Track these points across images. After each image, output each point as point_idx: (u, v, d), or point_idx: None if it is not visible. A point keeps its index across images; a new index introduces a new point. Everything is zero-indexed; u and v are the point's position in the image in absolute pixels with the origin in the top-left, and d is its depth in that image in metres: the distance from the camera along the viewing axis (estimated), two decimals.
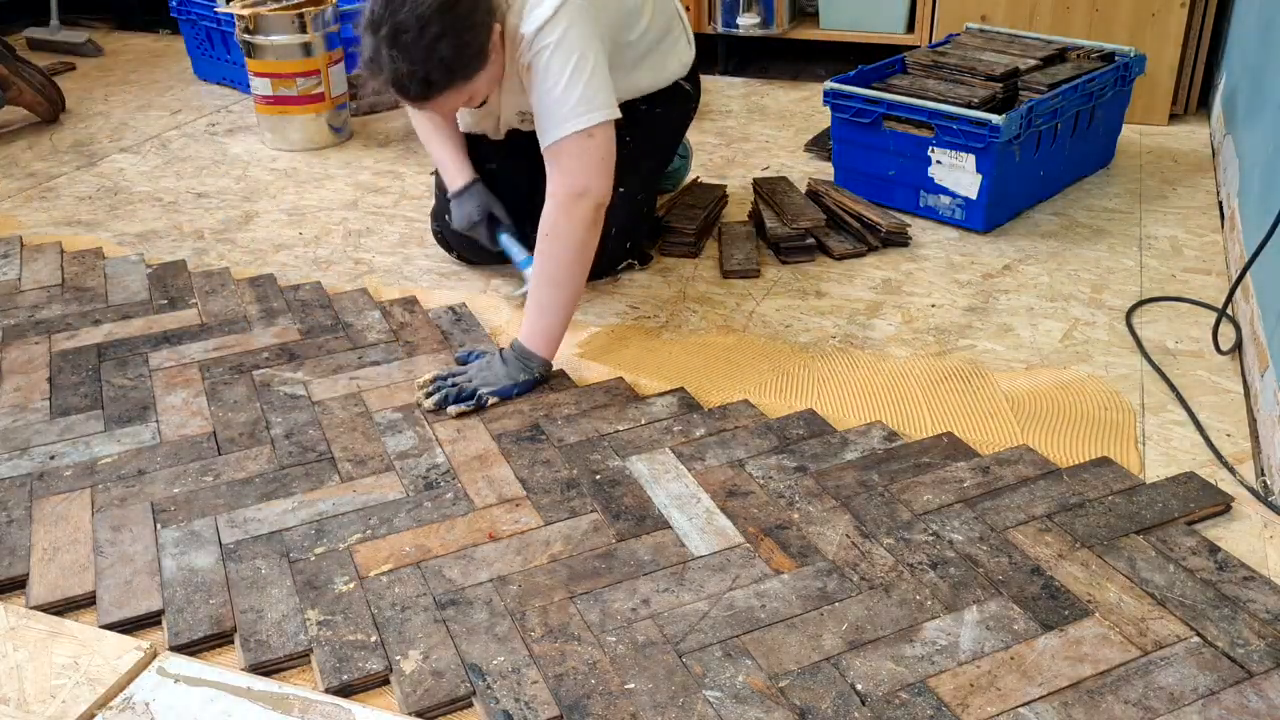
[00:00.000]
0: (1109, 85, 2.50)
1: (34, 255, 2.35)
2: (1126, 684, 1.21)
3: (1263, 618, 1.30)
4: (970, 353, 1.92)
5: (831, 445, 1.64)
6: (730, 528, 1.47)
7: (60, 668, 1.26)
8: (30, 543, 1.48)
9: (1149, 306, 2.05)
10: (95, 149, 3.02)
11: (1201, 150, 2.81)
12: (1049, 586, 1.35)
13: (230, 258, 2.35)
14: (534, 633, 1.30)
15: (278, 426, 1.72)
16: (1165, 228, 2.37)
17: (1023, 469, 1.57)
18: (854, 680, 1.23)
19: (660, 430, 1.69)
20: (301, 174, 2.81)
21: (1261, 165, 2.06)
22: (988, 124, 2.22)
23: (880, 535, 1.45)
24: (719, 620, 1.31)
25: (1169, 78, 2.91)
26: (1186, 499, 1.50)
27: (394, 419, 1.73)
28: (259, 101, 2.95)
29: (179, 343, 1.98)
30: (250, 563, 1.43)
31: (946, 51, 2.60)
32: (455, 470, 1.61)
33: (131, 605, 1.36)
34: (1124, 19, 2.88)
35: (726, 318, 2.05)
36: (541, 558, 1.43)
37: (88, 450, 1.67)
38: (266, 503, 1.54)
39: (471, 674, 1.25)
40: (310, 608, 1.35)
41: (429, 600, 1.36)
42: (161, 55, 3.95)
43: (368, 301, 2.12)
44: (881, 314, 2.05)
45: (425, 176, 2.76)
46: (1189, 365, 1.86)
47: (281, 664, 1.29)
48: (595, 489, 1.56)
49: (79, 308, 2.11)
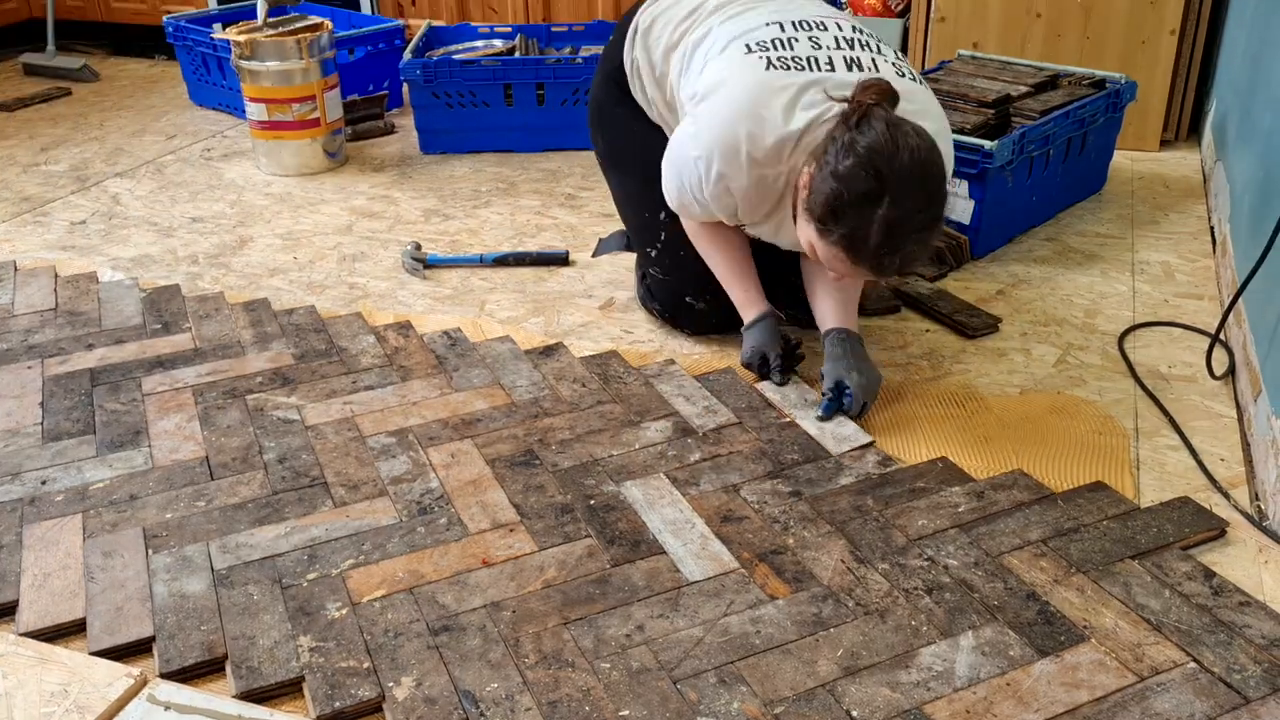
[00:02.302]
0: (1100, 112, 2.52)
1: (27, 279, 2.34)
2: (1123, 710, 1.21)
3: (1258, 643, 1.29)
4: (964, 377, 1.92)
5: (826, 470, 1.64)
6: (725, 553, 1.47)
7: (50, 695, 1.25)
8: (20, 568, 1.47)
9: (1142, 331, 2.06)
10: (90, 173, 3.02)
11: (1193, 176, 2.83)
12: (1044, 612, 1.35)
13: (224, 282, 2.35)
14: (528, 659, 1.30)
15: (271, 451, 1.72)
16: (1157, 253, 2.38)
17: (1017, 494, 1.57)
18: (849, 707, 1.22)
19: (655, 455, 1.69)
20: (296, 199, 2.82)
21: (1252, 191, 2.08)
22: (980, 150, 2.23)
23: (875, 560, 1.45)
24: (714, 646, 1.31)
25: (1160, 104, 2.94)
26: (1181, 524, 1.50)
27: (388, 444, 1.73)
28: (254, 127, 2.95)
29: (172, 367, 1.97)
30: (242, 589, 1.42)
31: (939, 78, 2.62)
32: (449, 495, 1.60)
33: (122, 632, 1.35)
34: (1115, 46, 2.90)
35: (721, 342, 2.05)
36: (535, 583, 1.42)
37: (79, 475, 1.67)
38: (259, 528, 1.54)
39: (465, 701, 1.24)
40: (302, 634, 1.34)
41: (422, 626, 1.35)
42: (157, 81, 3.97)
43: (362, 326, 2.11)
44: (875, 338, 2.05)
45: (419, 201, 2.77)
46: (1182, 390, 1.86)
47: (273, 691, 1.28)
48: (589, 514, 1.55)
49: (72, 332, 2.11)
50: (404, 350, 2.02)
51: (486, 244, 2.50)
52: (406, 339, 2.06)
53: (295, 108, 2.89)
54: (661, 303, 2.06)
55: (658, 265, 2.03)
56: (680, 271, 1.99)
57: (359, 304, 2.24)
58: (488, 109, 3.06)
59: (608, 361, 1.97)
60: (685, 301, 2.01)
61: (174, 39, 3.54)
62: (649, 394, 1.86)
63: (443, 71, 2.99)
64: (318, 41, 2.88)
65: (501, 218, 2.66)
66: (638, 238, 2.09)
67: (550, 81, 3.03)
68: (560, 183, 2.89)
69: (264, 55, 2.85)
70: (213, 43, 3.37)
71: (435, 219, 2.66)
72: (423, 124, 3.10)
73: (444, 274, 2.35)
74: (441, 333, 2.08)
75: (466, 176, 2.95)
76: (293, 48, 2.84)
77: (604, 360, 1.97)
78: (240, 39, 2.84)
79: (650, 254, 2.04)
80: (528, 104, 3.05)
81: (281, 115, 2.90)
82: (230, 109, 3.51)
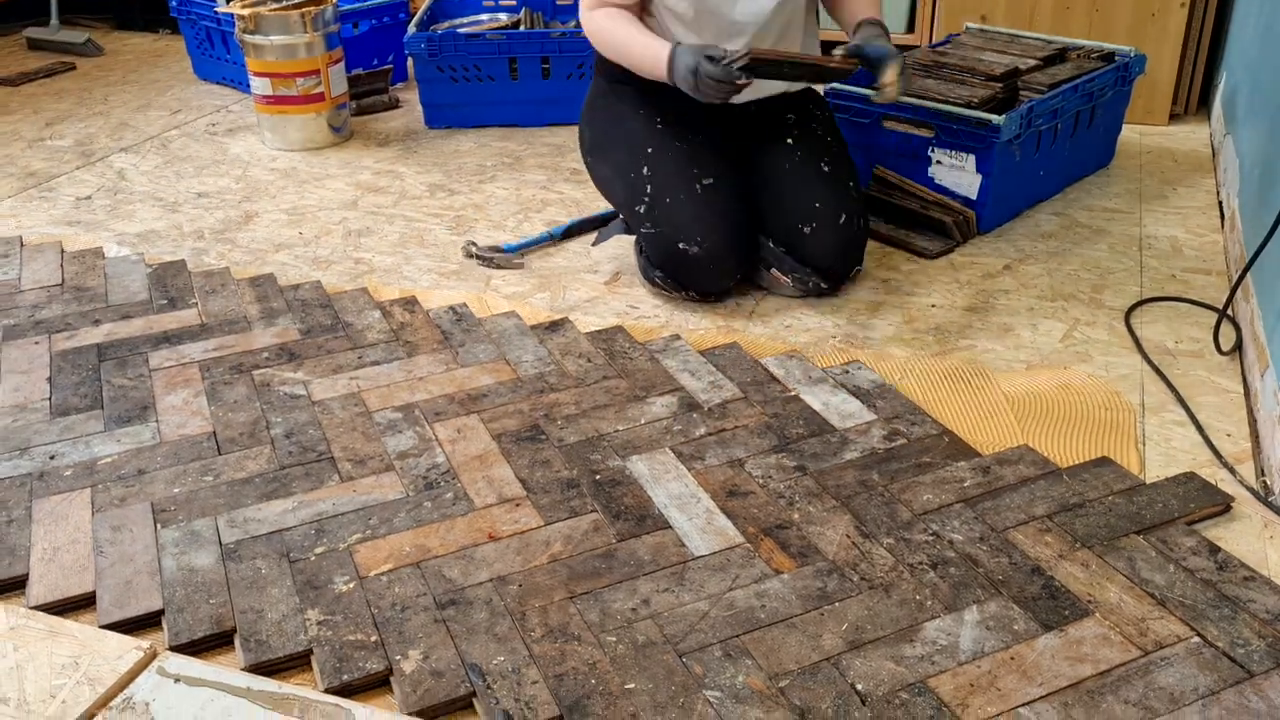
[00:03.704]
0: (1109, 85, 2.50)
1: (34, 255, 2.34)
2: (1127, 684, 1.21)
3: (1263, 618, 1.30)
4: (970, 353, 1.92)
5: (831, 444, 1.64)
6: (730, 528, 1.47)
7: (60, 668, 1.26)
8: (30, 543, 1.48)
9: (1149, 306, 2.05)
10: (95, 148, 3.02)
11: (1201, 150, 2.81)
12: (1049, 586, 1.35)
13: (230, 257, 2.35)
14: (534, 633, 1.30)
15: (278, 426, 1.72)
16: (1165, 228, 2.37)
17: (1023, 469, 1.57)
18: (854, 680, 1.23)
19: (660, 430, 1.69)
20: (301, 174, 2.81)
21: (1261, 165, 2.06)
22: (988, 124, 2.22)
23: (880, 535, 1.45)
24: (719, 620, 1.31)
25: (1169, 78, 2.92)
26: (1187, 499, 1.50)
27: (394, 419, 1.73)
28: (259, 101, 2.95)
29: (179, 342, 1.98)
30: (250, 563, 1.43)
31: (946, 52, 2.60)
32: (455, 470, 1.61)
33: (131, 605, 1.36)
34: (1124, 19, 2.88)
35: (727, 316, 2.05)
36: (541, 558, 1.43)
37: (88, 450, 1.67)
38: (266, 503, 1.54)
39: (471, 674, 1.25)
40: (310, 608, 1.35)
41: (429, 600, 1.36)
42: (162, 55, 3.96)
43: (368, 301, 2.12)
44: (881, 314, 2.05)
45: (424, 176, 2.76)
46: (1189, 365, 1.86)
47: (281, 664, 1.29)
48: (595, 489, 1.56)
49: (79, 308, 2.11)
50: (410, 325, 2.02)
51: (493, 220, 2.50)
52: (412, 314, 2.06)
53: (300, 82, 2.88)
54: (659, 262, 2.06)
55: (648, 220, 2.04)
56: (669, 218, 2.01)
57: (364, 279, 2.24)
58: (492, 83, 3.04)
59: (613, 337, 1.97)
60: (679, 249, 2.00)
61: (178, 13, 3.52)
62: (654, 369, 1.86)
63: (447, 45, 2.98)
64: (322, 15, 2.87)
65: (507, 192, 2.66)
66: (627, 205, 2.11)
67: (555, 55, 3.01)
68: (565, 157, 2.88)
69: (268, 29, 2.84)
70: (217, 17, 3.36)
71: (440, 194, 2.66)
72: (427, 98, 3.08)
73: (449, 250, 2.35)
74: (447, 308, 2.08)
75: (471, 151, 2.94)
76: (297, 22, 2.83)
77: (609, 335, 1.97)
78: (244, 13, 2.83)
79: (639, 211, 2.06)
80: (533, 78, 3.04)
81: (286, 90, 2.89)
82: (235, 83, 3.50)
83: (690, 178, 2.02)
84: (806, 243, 2.04)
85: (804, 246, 2.04)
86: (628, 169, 2.08)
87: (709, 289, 2.07)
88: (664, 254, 2.04)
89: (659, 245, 2.04)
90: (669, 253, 2.03)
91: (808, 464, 1.60)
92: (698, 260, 2.01)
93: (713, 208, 2.00)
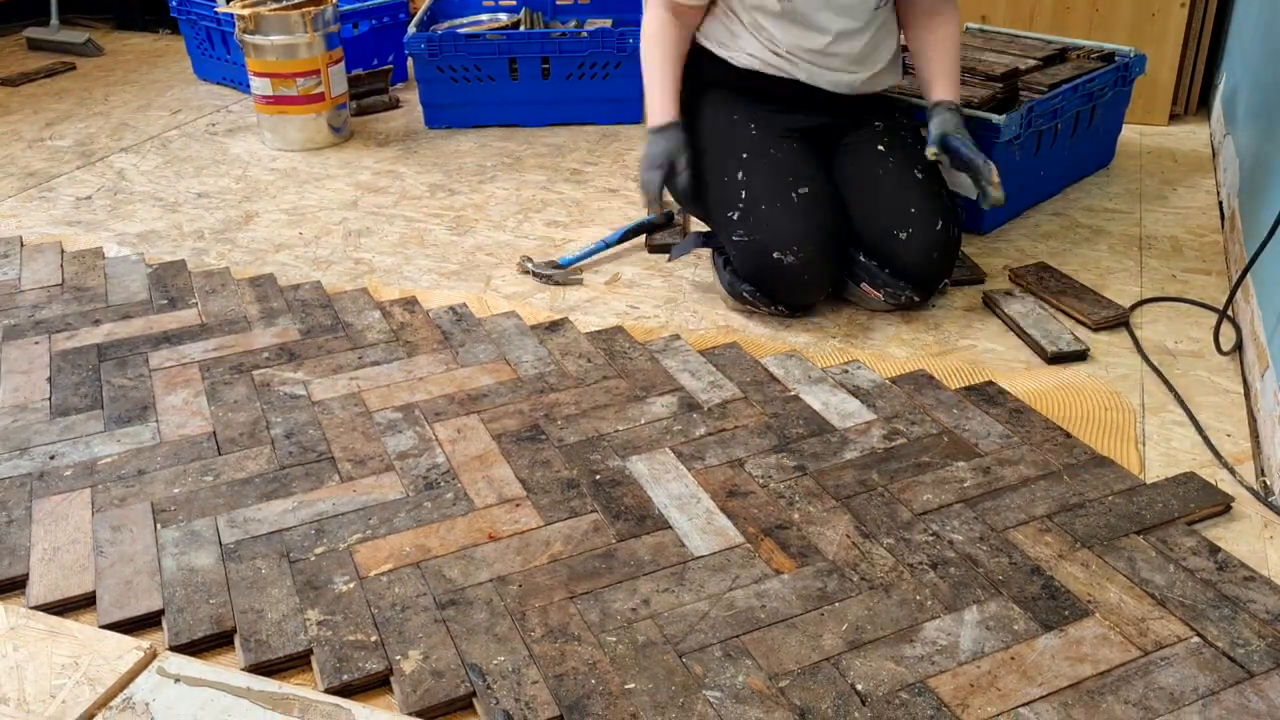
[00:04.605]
0: (1109, 85, 2.50)
1: (34, 255, 2.35)
2: (1127, 684, 1.21)
3: (1263, 618, 1.30)
4: (971, 353, 1.92)
5: (831, 444, 1.64)
6: (730, 528, 1.47)
7: (60, 668, 1.26)
8: (30, 543, 1.48)
9: (1149, 307, 2.05)
10: (95, 148, 3.02)
11: (1202, 150, 2.81)
12: (1049, 586, 1.35)
13: (230, 258, 2.35)
14: (534, 633, 1.30)
15: (278, 426, 1.72)
16: (1165, 228, 2.37)
17: (1023, 469, 1.58)
18: (854, 680, 1.23)
19: (660, 430, 1.69)
20: (301, 174, 2.82)
21: (1262, 165, 2.06)
22: (988, 124, 2.22)
23: (880, 535, 1.45)
24: (719, 620, 1.31)
25: (1169, 78, 2.92)
26: (1187, 499, 1.50)
27: (394, 419, 1.73)
28: (259, 101, 2.95)
29: (179, 343, 1.98)
30: (250, 563, 1.43)
31: None
32: (455, 470, 1.61)
33: (131, 605, 1.36)
34: (1124, 19, 2.88)
35: (726, 316, 2.05)
36: (541, 558, 1.43)
37: (88, 450, 1.67)
38: (266, 503, 1.54)
39: (471, 674, 1.25)
40: (310, 608, 1.35)
41: (429, 600, 1.36)
42: (162, 55, 3.96)
43: (368, 301, 2.12)
44: (881, 313, 2.05)
45: (425, 176, 2.76)
46: (1189, 365, 1.86)
47: (281, 664, 1.29)
48: (595, 489, 1.56)
49: (79, 308, 2.11)
50: (410, 325, 2.02)
51: (493, 220, 2.50)
52: (412, 314, 2.06)
53: (300, 82, 2.88)
54: (749, 273, 1.99)
55: (740, 228, 1.97)
56: (764, 227, 1.94)
57: (364, 279, 2.24)
58: (493, 83, 3.04)
59: (613, 337, 1.97)
60: (773, 259, 1.94)
61: (178, 13, 3.52)
62: (654, 369, 1.86)
63: (447, 45, 2.98)
64: (322, 15, 2.87)
65: (507, 193, 2.66)
66: (718, 210, 2.03)
67: (555, 55, 3.01)
68: (565, 157, 2.88)
69: (268, 29, 2.84)
70: (217, 17, 3.36)
71: (440, 194, 2.66)
72: (427, 98, 3.08)
73: (449, 250, 2.35)
74: (447, 308, 2.08)
75: (471, 151, 2.94)
76: (297, 22, 2.83)
77: (609, 335, 1.97)
78: (244, 13, 2.83)
79: (732, 218, 1.98)
80: (533, 78, 3.04)
81: (286, 90, 2.89)
82: (235, 83, 3.50)
83: (786, 185, 1.96)
84: (901, 249, 1.97)
85: (898, 252, 1.97)
86: (722, 170, 2.02)
87: (801, 301, 2.02)
88: (756, 264, 1.97)
89: (751, 254, 1.97)
90: (762, 263, 1.96)
91: (808, 464, 1.60)
92: (792, 270, 1.95)
93: (809, 217, 1.95)
